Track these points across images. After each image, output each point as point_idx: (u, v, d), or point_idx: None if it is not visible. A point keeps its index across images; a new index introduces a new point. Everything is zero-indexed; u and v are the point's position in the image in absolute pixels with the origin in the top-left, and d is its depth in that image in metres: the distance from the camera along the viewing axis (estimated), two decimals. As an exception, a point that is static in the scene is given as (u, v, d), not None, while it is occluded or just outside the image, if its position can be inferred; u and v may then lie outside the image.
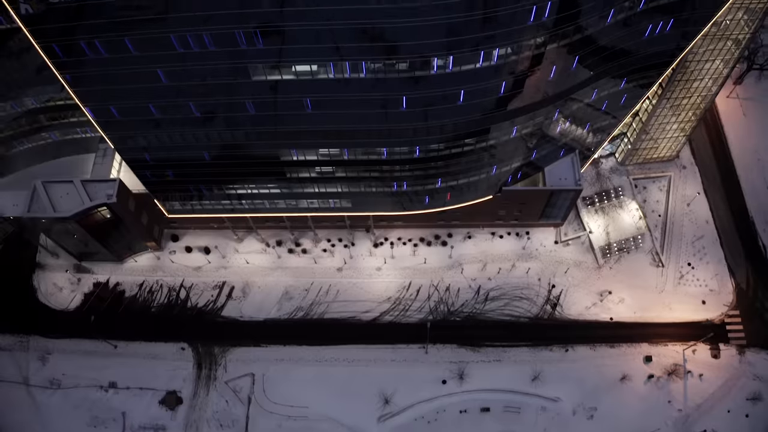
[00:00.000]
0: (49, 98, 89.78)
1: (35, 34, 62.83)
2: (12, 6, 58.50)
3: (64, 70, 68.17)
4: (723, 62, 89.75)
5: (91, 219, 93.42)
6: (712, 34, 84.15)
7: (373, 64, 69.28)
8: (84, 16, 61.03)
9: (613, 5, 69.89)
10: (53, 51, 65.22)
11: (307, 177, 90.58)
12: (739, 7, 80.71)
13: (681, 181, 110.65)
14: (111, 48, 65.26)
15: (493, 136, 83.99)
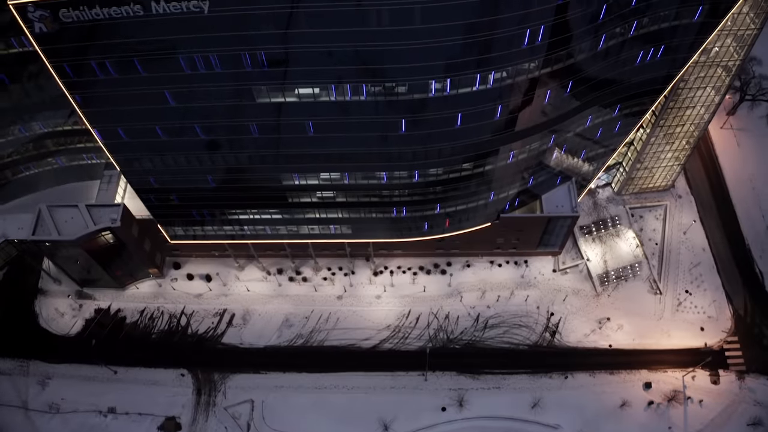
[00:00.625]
0: (57, 123, 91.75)
1: (48, 53, 65.26)
2: (27, 25, 60.87)
3: (74, 90, 70.48)
4: (714, 89, 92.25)
5: (94, 243, 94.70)
6: (702, 62, 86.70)
7: (373, 87, 71.53)
8: (96, 36, 63.46)
9: (605, 31, 72.37)
10: (64, 71, 67.63)
11: (308, 202, 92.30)
12: (727, 34, 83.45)
13: (677, 210, 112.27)
14: (120, 68, 67.69)
15: (490, 161, 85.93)
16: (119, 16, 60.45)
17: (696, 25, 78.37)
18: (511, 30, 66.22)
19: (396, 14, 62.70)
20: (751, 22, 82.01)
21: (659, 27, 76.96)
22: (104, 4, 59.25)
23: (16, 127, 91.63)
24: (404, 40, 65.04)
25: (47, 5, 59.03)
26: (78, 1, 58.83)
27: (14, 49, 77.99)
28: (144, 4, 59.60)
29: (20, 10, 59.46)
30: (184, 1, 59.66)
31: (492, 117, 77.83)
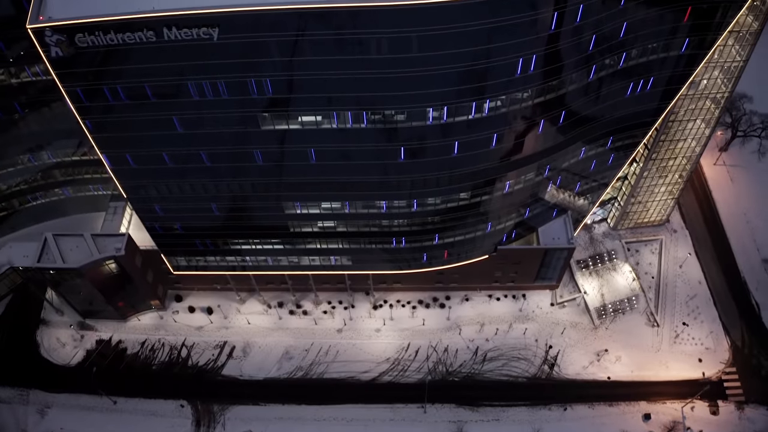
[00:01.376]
0: (66, 153, 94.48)
1: (62, 78, 68.27)
2: (43, 49, 64.01)
3: (86, 115, 73.34)
4: (704, 122, 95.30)
5: (98, 272, 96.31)
6: (692, 95, 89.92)
7: (373, 115, 74.48)
8: (109, 61, 66.65)
9: (595, 62, 75.72)
10: (77, 96, 70.60)
11: (309, 232, 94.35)
12: (714, 66, 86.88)
13: (672, 245, 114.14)
14: (131, 94, 70.70)
15: (486, 191, 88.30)
16: (132, 41, 63.67)
17: (683, 57, 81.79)
18: (504, 59, 69.45)
19: (394, 42, 66.02)
20: (737, 54, 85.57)
21: (648, 59, 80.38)
22: (118, 30, 62.52)
23: (26, 156, 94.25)
24: (402, 68, 68.15)
25: (64, 30, 62.24)
26: (94, 27, 62.09)
27: (27, 77, 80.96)
28: (156, 30, 62.84)
29: (38, 34, 62.67)
30: (194, 28, 62.90)
31: (488, 146, 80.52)
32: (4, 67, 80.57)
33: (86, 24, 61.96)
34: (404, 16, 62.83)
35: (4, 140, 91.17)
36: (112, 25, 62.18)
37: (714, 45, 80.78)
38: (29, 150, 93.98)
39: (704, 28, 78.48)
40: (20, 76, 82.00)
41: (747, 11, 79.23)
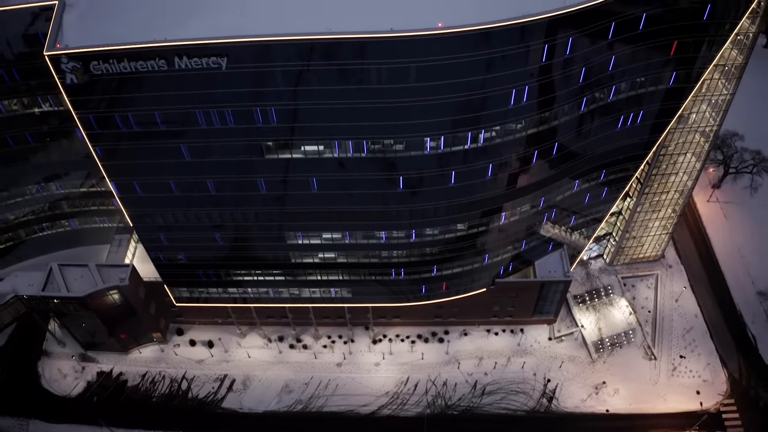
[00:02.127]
0: (74, 185, 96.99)
1: (75, 104, 71.39)
2: (59, 76, 67.25)
3: (97, 142, 76.20)
4: (695, 155, 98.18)
5: (102, 302, 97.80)
6: (681, 128, 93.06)
7: (373, 145, 77.40)
8: (122, 89, 69.84)
9: (585, 94, 79.02)
10: (89, 123, 73.62)
11: (310, 263, 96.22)
12: (702, 100, 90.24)
13: (668, 279, 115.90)
14: (142, 122, 73.72)
15: (483, 222, 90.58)
16: (144, 70, 67.01)
17: (672, 90, 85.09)
18: (497, 90, 72.71)
19: (393, 73, 69.36)
20: (723, 88, 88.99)
21: (637, 92, 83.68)
22: (132, 58, 65.92)
23: (34, 187, 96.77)
24: (401, 98, 71.37)
25: (80, 57, 65.63)
26: (108, 55, 65.51)
27: (39, 108, 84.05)
28: (168, 59, 66.22)
29: (54, 61, 66.05)
30: (204, 57, 66.31)
31: (483, 176, 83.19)
32: (17, 98, 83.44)
33: (101, 52, 65.41)
34: (402, 46, 66.21)
35: (14, 170, 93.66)
36: (126, 54, 65.60)
37: (700, 78, 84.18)
38: (38, 180, 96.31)
39: (690, 61, 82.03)
40: (32, 107, 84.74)
41: (731, 45, 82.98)
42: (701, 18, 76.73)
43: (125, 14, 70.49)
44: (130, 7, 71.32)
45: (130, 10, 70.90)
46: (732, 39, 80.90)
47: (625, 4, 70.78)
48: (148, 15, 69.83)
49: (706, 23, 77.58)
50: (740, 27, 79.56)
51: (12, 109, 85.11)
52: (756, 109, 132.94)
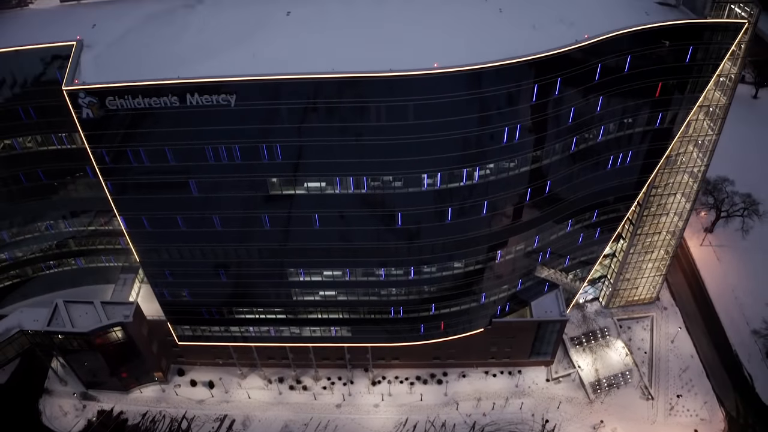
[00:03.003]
0: (82, 223, 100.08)
1: (90, 139, 75.39)
2: (75, 110, 71.41)
3: (108, 176, 79.81)
4: (684, 196, 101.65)
5: (105, 339, 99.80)
6: (669, 169, 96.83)
7: (373, 182, 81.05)
8: (135, 124, 73.92)
9: (575, 134, 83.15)
10: (102, 157, 77.44)
11: (311, 300, 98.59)
12: (689, 140, 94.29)
13: (663, 321, 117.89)
14: (153, 157, 77.55)
15: (479, 259, 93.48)
16: (158, 106, 71.33)
17: (659, 131, 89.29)
18: (490, 128, 76.99)
19: (392, 111, 73.64)
20: (709, 129, 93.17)
21: (625, 133, 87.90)
22: (146, 95, 70.28)
23: (44, 224, 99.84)
24: (399, 135, 75.40)
25: (97, 93, 70.04)
26: (124, 91, 69.89)
27: (53, 146, 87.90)
28: (180, 96, 70.55)
29: (72, 96, 70.45)
30: (214, 94, 70.70)
31: (479, 213, 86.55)
32: (32, 135, 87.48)
33: (117, 88, 69.89)
34: (400, 85, 70.72)
35: (26, 207, 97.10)
36: (141, 90, 70.00)
37: (686, 119, 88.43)
38: (48, 218, 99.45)
39: (676, 103, 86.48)
40: (46, 145, 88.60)
41: (714, 87, 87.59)
42: (684, 60, 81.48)
43: (140, 56, 75.39)
44: (144, 50, 76.47)
45: (145, 52, 75.94)
46: (714, 80, 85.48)
47: (610, 46, 75.37)
48: (162, 57, 74.64)
49: (689, 65, 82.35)
50: (722, 68, 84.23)
51: (26, 146, 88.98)
52: (745, 156, 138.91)
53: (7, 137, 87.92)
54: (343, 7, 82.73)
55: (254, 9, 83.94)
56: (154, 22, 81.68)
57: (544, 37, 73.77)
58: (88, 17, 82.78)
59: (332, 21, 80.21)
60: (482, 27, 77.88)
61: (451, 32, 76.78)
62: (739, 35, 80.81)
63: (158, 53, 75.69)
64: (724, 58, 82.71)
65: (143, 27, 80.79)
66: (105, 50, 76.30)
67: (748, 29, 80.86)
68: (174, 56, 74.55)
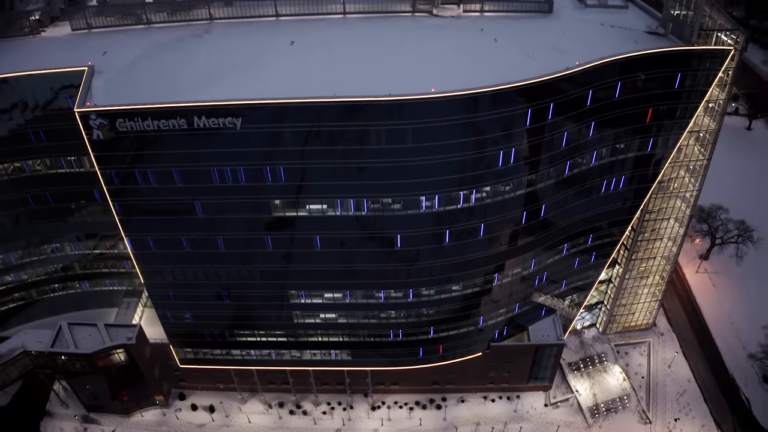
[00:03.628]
0: (88, 246, 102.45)
1: (99, 160, 78.44)
2: (86, 131, 74.55)
3: (116, 197, 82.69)
4: (677, 221, 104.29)
5: (108, 361, 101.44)
6: (662, 194, 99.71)
7: (373, 204, 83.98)
8: (143, 146, 77.11)
9: (569, 158, 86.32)
10: (111, 178, 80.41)
11: (312, 323, 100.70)
12: (680, 165, 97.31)
13: (660, 346, 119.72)
14: (160, 179, 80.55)
15: (476, 282, 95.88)
16: (166, 128, 74.49)
17: (650, 156, 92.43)
18: (486, 151, 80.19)
19: (391, 134, 76.86)
20: (699, 154, 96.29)
21: (617, 158, 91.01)
22: (155, 117, 73.54)
23: (50, 246, 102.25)
24: (398, 158, 78.51)
25: (108, 115, 73.26)
26: (134, 113, 73.18)
27: (62, 169, 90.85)
28: (188, 118, 73.83)
29: (84, 117, 73.66)
30: (221, 117, 73.98)
31: (476, 235, 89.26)
32: (41, 158, 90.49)
33: (127, 110, 73.19)
34: (399, 109, 74.12)
35: (33, 229, 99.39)
36: (150, 113, 73.28)
37: (677, 144, 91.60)
38: (54, 240, 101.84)
39: (666, 128, 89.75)
40: (55, 168, 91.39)
41: (704, 112, 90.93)
42: (673, 87, 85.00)
43: (149, 81, 79.05)
44: (153, 76, 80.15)
45: (154, 78, 79.63)
46: (704, 106, 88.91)
47: (601, 73, 78.92)
48: (171, 82, 78.42)
49: (678, 91, 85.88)
50: (710, 95, 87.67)
51: (35, 169, 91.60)
52: (739, 185, 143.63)
53: (18, 160, 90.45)
54: (344, 36, 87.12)
55: (260, 38, 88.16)
56: (163, 50, 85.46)
57: (537, 64, 77.37)
58: (99, 45, 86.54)
59: (334, 49, 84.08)
60: (478, 55, 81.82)
61: (448, 59, 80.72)
62: (726, 62, 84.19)
63: (167, 79, 79.30)
64: (712, 85, 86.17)
65: (152, 54, 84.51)
66: (115, 76, 79.80)
67: (735, 56, 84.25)
68: (182, 82, 78.24)
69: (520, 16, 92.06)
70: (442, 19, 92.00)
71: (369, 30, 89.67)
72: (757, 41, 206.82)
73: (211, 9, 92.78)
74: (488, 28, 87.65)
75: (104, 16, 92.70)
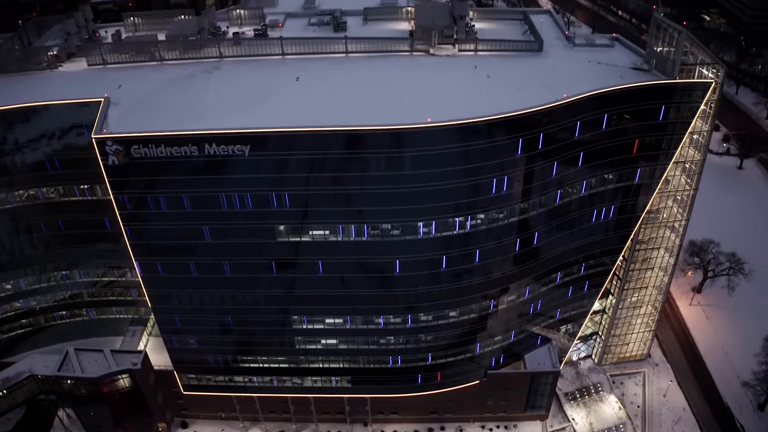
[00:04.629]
0: (97, 273, 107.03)
1: (114, 185, 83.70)
2: (102, 157, 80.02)
3: (128, 222, 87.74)
4: (667, 251, 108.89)
5: (113, 386, 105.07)
6: (651, 224, 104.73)
7: (373, 230, 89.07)
8: (156, 172, 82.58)
9: (559, 187, 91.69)
10: (124, 203, 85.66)
11: (313, 349, 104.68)
12: (668, 196, 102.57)
13: (655, 376, 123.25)
14: (171, 204, 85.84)
15: (473, 308, 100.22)
16: (178, 155, 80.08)
17: (638, 186, 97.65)
18: (480, 179, 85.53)
19: (390, 161, 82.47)
20: (686, 184, 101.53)
21: (606, 187, 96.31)
22: (168, 144, 79.17)
23: (59, 273, 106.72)
24: (397, 185, 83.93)
25: (123, 141, 78.85)
26: (148, 140, 78.84)
27: (74, 197, 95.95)
28: (199, 146, 79.45)
29: (100, 144, 79.20)
30: (230, 145, 79.61)
31: (471, 261, 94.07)
32: (55, 185, 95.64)
33: (142, 137, 78.87)
34: (398, 137, 79.89)
35: (45, 256, 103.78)
36: (164, 140, 78.96)
37: (663, 175, 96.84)
38: (64, 267, 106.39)
39: (652, 159, 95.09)
40: (68, 196, 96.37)
41: (688, 144, 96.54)
42: (657, 118, 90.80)
43: (162, 112, 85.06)
44: (166, 107, 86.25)
45: (167, 109, 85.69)
46: (688, 138, 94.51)
47: (588, 105, 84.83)
48: (183, 113, 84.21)
49: (663, 123, 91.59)
50: (694, 126, 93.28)
51: (49, 196, 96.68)
52: (731, 221, 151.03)
53: (33, 187, 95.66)
54: (346, 73, 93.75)
55: (267, 75, 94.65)
56: (175, 85, 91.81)
57: (528, 97, 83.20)
58: (114, 79, 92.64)
59: (337, 84, 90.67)
60: (471, 89, 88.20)
61: (443, 93, 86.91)
62: (708, 94, 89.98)
63: (179, 110, 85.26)
64: (696, 116, 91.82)
65: (165, 88, 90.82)
66: (130, 107, 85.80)
67: (716, 89, 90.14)
68: (194, 113, 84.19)
69: (512, 54, 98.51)
70: (439, 57, 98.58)
71: (369, 67, 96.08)
72: (748, 84, 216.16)
73: (221, 47, 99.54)
74: (482, 66, 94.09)
75: (119, 53, 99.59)
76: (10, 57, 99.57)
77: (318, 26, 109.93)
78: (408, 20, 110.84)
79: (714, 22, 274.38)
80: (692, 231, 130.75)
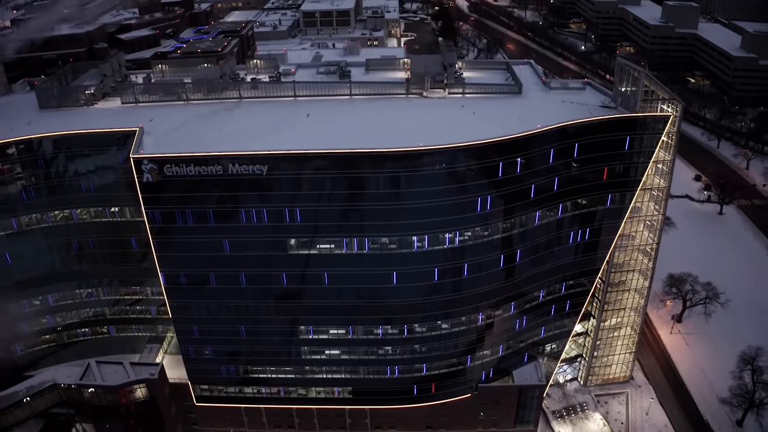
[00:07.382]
0: (120, 292, 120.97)
1: (147, 201, 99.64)
2: (138, 175, 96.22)
3: (157, 235, 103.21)
4: (641, 274, 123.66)
5: (130, 396, 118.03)
6: (625, 246, 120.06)
7: (373, 244, 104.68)
8: (185, 189, 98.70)
9: (537, 208, 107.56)
10: (155, 218, 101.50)
11: (318, 359, 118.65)
12: (639, 220, 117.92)
13: (638, 396, 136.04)
14: (197, 218, 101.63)
15: (462, 321, 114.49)
16: (205, 173, 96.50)
17: (610, 210, 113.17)
18: (464, 197, 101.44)
19: (388, 180, 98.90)
20: (654, 210, 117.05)
21: (580, 211, 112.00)
22: (197, 164, 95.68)
23: (85, 291, 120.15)
24: (393, 201, 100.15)
25: (158, 161, 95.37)
26: (179, 160, 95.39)
27: (105, 218, 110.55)
28: (224, 165, 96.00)
29: (138, 163, 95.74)
30: (251, 164, 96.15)
31: (461, 275, 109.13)
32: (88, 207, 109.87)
33: (175, 158, 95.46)
34: (394, 159, 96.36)
35: (73, 273, 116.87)
36: (193, 160, 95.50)
37: (632, 200, 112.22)
38: (90, 285, 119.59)
39: (621, 185, 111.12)
40: (99, 217, 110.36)
41: (653, 172, 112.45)
42: (623, 148, 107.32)
43: (190, 140, 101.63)
44: (194, 136, 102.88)
45: (194, 137, 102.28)
46: (653, 166, 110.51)
47: (560, 135, 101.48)
48: (208, 140, 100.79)
49: (629, 152, 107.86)
50: (657, 155, 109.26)
51: (82, 217, 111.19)
52: (711, 259, 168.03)
53: (68, 208, 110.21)
54: (350, 111, 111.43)
55: (281, 112, 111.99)
56: (200, 119, 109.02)
57: (507, 129, 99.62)
58: (146, 115, 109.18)
59: (342, 120, 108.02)
60: (458, 122, 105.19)
61: (434, 126, 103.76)
62: (667, 126, 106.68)
63: (205, 138, 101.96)
64: (657, 146, 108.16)
65: (192, 121, 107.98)
66: (162, 136, 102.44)
67: (674, 122, 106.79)
68: (217, 140, 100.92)
69: (495, 96, 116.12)
70: (431, 99, 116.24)
71: (371, 107, 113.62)
72: (729, 139, 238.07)
73: (240, 90, 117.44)
74: (468, 105, 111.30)
75: (150, 93, 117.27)
76: (50, 94, 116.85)
77: (326, 74, 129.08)
78: (404, 70, 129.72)
79: (698, 83, 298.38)
80: (673, 267, 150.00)
